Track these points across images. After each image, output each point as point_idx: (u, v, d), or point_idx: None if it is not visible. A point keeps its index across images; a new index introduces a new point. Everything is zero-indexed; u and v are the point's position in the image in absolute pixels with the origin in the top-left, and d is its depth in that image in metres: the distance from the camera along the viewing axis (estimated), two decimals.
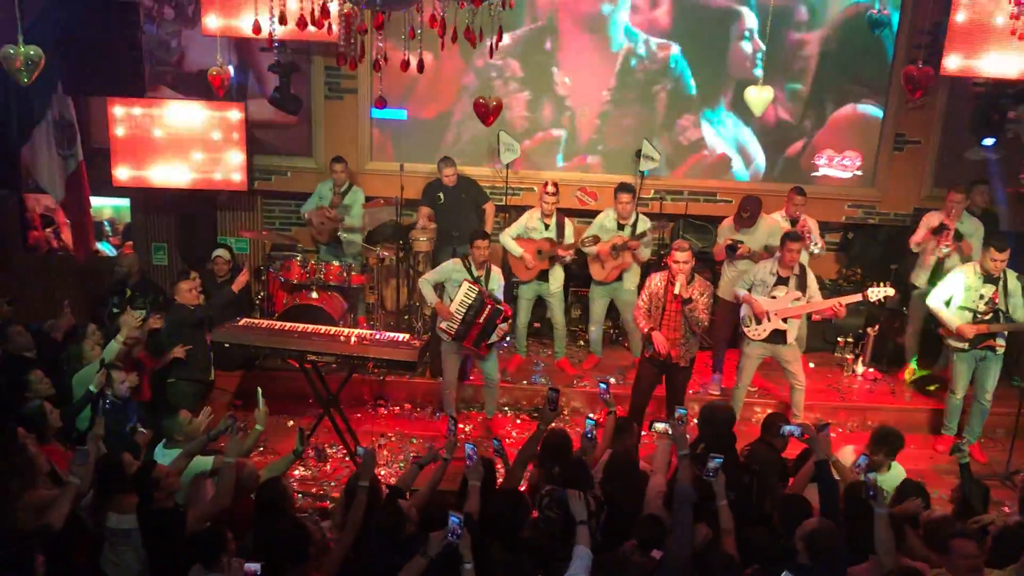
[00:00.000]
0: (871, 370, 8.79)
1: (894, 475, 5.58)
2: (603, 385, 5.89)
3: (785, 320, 7.36)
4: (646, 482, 5.21)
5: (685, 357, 7.05)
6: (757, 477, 5.32)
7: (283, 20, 4.32)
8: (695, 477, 4.85)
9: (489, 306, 7.18)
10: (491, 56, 4.77)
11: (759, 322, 7.41)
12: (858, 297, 7.41)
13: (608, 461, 5.40)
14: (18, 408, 5.74)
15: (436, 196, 8.71)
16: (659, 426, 5.35)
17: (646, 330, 6.95)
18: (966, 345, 7.35)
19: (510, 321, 7.61)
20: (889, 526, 4.42)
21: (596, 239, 8.08)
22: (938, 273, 7.93)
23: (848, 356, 8.89)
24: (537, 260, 8.18)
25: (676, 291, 6.71)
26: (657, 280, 6.98)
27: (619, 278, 8.26)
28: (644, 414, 7.23)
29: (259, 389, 5.79)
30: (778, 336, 7.42)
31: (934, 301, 7.48)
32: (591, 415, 6.53)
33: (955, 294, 7.38)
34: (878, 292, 7.25)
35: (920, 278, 8.21)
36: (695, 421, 5.87)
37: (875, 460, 5.51)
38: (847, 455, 5.86)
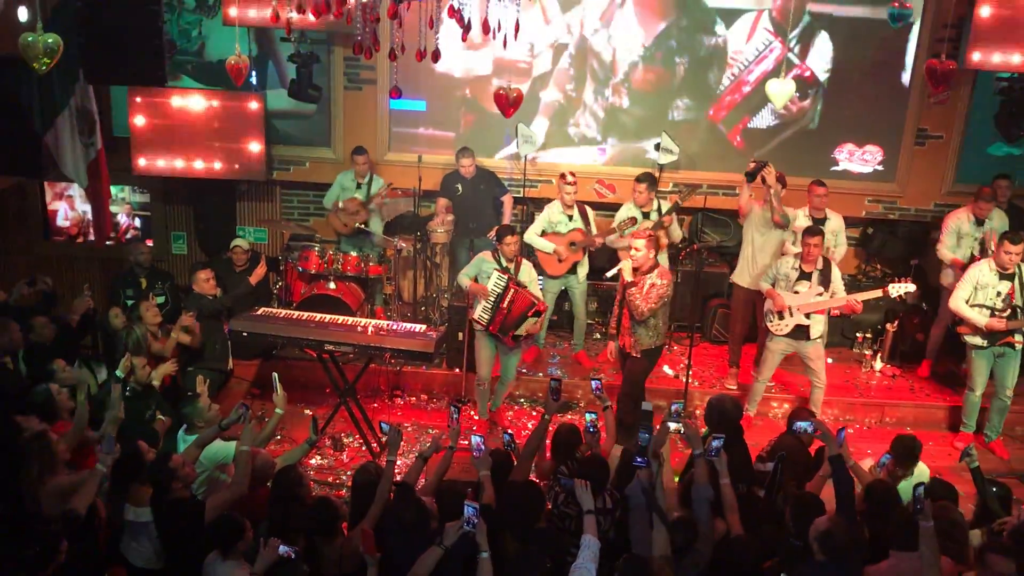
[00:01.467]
0: (889, 366, 8.73)
1: (919, 473, 5.50)
2: (595, 382, 5.85)
3: (808, 316, 7.32)
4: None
5: (635, 347, 6.98)
6: (783, 464, 5.28)
7: (301, 9, 4.33)
8: (711, 475, 4.84)
9: (512, 289, 7.16)
10: (504, 47, 4.73)
11: (781, 317, 7.38)
12: (879, 293, 7.37)
13: (622, 460, 5.39)
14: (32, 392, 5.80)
15: (454, 187, 8.71)
16: (672, 426, 5.32)
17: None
18: (984, 342, 7.29)
19: (543, 316, 7.54)
20: (934, 539, 4.32)
21: (633, 220, 8.04)
22: None
23: (867, 352, 8.85)
24: (570, 252, 8.17)
25: (613, 272, 6.96)
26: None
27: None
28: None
29: (275, 375, 5.82)
30: (801, 332, 7.38)
31: (956, 302, 7.40)
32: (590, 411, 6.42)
33: (972, 291, 7.33)
34: (899, 288, 7.20)
35: (948, 279, 8.14)
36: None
37: (900, 473, 5.47)
38: (865, 464, 5.80)
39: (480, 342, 7.51)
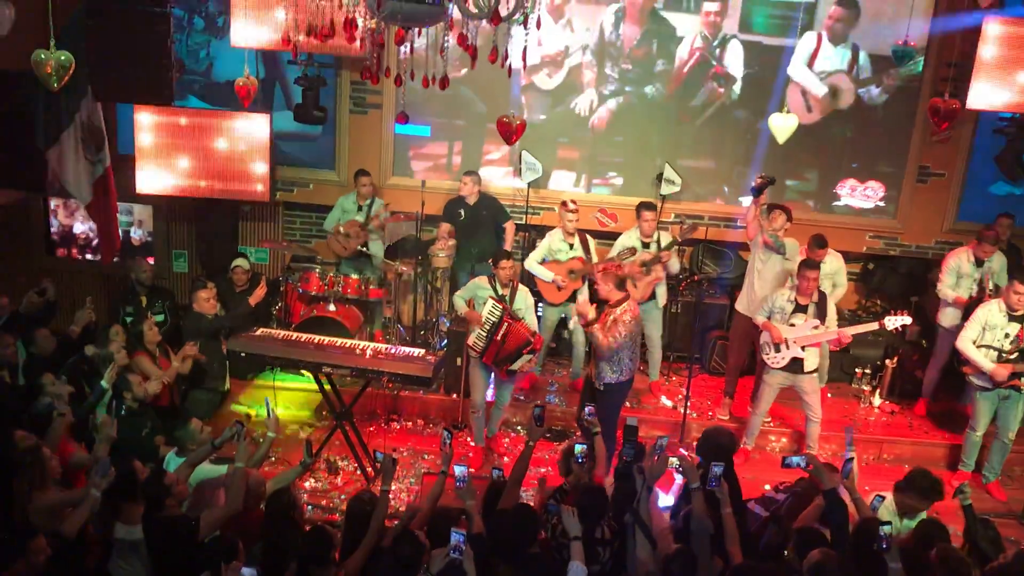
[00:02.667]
0: (888, 402, 8.70)
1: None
2: (588, 407, 5.80)
3: (803, 348, 7.31)
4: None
5: (598, 380, 6.84)
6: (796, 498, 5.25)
7: (311, 32, 4.35)
8: (711, 510, 4.81)
9: (506, 323, 7.15)
10: (508, 75, 4.74)
11: (777, 349, 7.37)
12: (875, 326, 7.36)
13: (616, 488, 5.35)
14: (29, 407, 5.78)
15: (456, 212, 8.73)
16: (672, 461, 5.29)
17: None
18: (990, 384, 7.27)
19: (537, 353, 7.49)
20: None
21: (632, 251, 8.04)
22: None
23: (865, 388, 8.82)
24: (570, 280, 8.16)
25: (573, 322, 7.02)
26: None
27: (652, 295, 8.25)
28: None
29: (267, 398, 5.79)
30: (797, 364, 7.37)
31: (963, 343, 7.35)
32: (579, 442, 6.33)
33: (980, 332, 7.30)
34: (896, 321, 7.20)
35: (947, 319, 8.13)
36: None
37: (905, 504, 5.44)
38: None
39: (474, 368, 7.48)
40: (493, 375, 7.46)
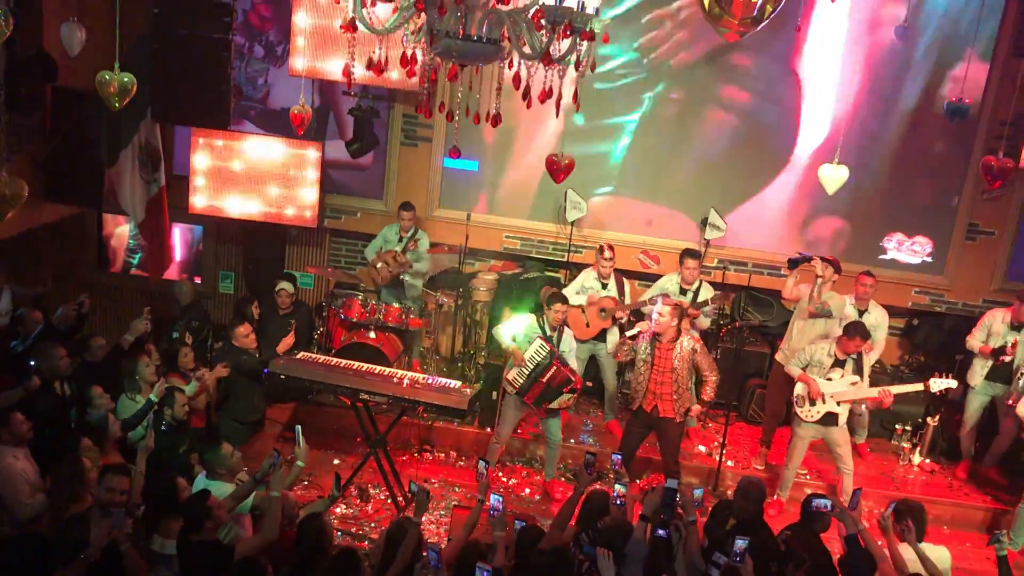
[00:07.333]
0: (928, 461, 8.54)
1: (938, 558, 5.27)
2: (616, 456, 5.83)
3: (839, 403, 7.23)
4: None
5: (678, 411, 7.13)
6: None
7: (370, 66, 4.44)
8: (708, 546, 4.80)
9: (555, 367, 7.16)
10: (556, 115, 4.78)
11: (813, 403, 7.28)
12: (920, 386, 7.25)
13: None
14: (82, 418, 5.90)
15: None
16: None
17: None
18: None
19: (577, 394, 7.47)
20: None
21: (667, 296, 8.00)
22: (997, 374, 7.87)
23: (905, 445, 8.66)
24: (600, 319, 8.16)
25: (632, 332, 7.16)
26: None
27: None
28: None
29: (298, 427, 5.80)
30: (830, 418, 7.28)
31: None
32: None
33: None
34: (941, 383, 7.10)
35: (976, 378, 8.04)
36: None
37: (900, 526, 5.29)
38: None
39: (508, 403, 7.49)
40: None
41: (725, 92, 9.10)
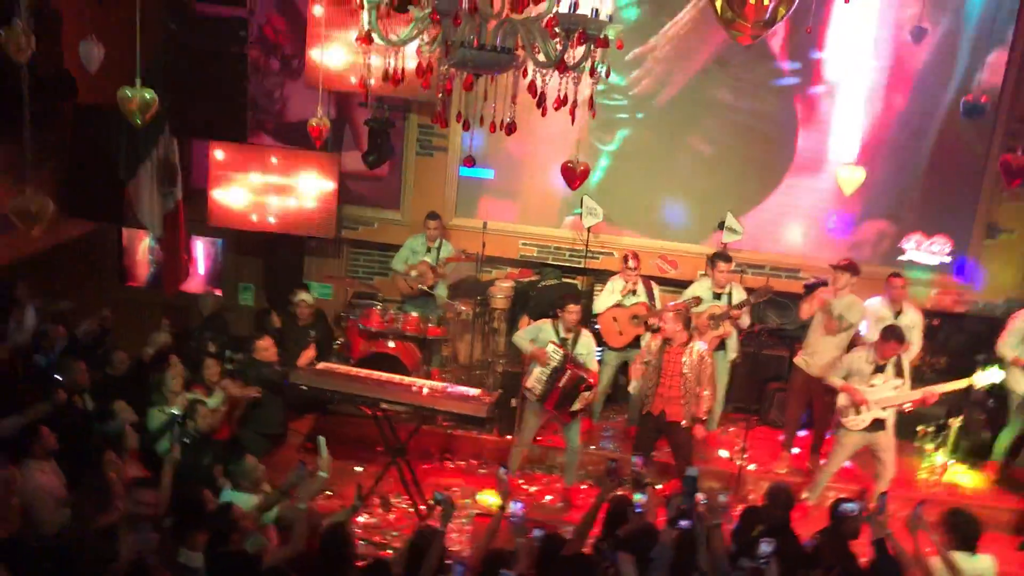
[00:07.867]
0: (951, 462, 8.47)
1: (984, 567, 5.19)
2: (636, 458, 5.81)
3: (884, 408, 7.18)
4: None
5: (691, 416, 7.11)
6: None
7: (386, 77, 4.47)
8: (733, 550, 4.78)
9: (569, 371, 7.16)
10: (572, 122, 4.79)
11: (858, 411, 7.23)
12: (964, 383, 7.14)
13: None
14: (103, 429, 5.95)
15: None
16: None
17: None
18: None
19: (595, 389, 7.46)
20: None
21: (698, 300, 7.99)
22: None
23: (928, 446, 8.59)
24: (632, 325, 8.15)
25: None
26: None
27: (721, 346, 8.19)
28: None
29: (321, 438, 5.82)
30: (878, 424, 7.22)
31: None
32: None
33: None
34: (986, 377, 7.00)
35: (1021, 384, 7.90)
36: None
37: (944, 540, 5.21)
38: None
39: (528, 411, 7.49)
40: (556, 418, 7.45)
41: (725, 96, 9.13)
